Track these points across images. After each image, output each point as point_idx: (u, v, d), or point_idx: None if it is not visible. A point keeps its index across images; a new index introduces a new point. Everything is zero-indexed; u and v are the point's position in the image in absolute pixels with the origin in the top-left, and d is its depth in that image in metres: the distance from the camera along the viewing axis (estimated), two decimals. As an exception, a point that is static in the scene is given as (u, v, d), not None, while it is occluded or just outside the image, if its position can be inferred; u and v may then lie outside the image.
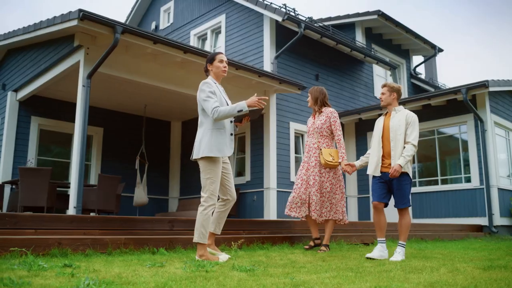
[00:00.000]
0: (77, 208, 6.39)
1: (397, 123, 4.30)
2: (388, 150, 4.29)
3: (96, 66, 6.77)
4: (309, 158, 5.00)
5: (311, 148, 5.01)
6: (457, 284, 2.69)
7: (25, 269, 2.68)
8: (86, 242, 3.54)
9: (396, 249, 4.23)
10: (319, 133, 4.98)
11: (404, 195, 4.25)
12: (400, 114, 4.36)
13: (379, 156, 4.33)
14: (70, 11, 6.50)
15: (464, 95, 8.97)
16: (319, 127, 4.98)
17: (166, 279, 2.61)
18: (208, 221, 3.71)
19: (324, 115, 5.02)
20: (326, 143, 4.95)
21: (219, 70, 4.05)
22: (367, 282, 2.73)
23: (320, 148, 4.92)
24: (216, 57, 4.06)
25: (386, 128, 4.37)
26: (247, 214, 9.59)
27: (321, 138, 4.97)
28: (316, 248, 4.96)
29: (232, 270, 3.15)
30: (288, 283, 2.66)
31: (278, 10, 9.61)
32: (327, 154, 4.83)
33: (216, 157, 3.78)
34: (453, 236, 7.99)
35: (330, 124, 4.98)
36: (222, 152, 3.79)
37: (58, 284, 2.29)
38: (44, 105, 9.54)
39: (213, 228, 3.97)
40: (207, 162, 3.78)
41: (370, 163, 4.42)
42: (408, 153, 4.20)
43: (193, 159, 3.89)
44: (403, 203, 4.26)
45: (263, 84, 8.86)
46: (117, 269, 2.92)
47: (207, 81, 3.97)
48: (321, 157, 4.84)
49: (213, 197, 3.77)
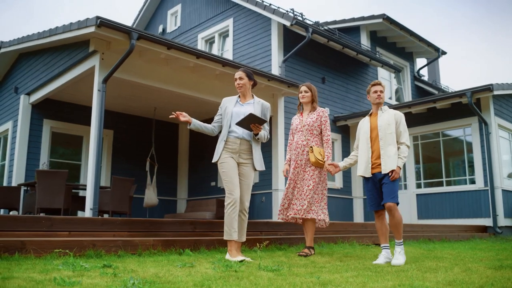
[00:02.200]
0: (93, 209, 6.57)
1: (386, 122, 4.27)
2: (378, 150, 4.25)
3: (111, 71, 6.94)
4: (297, 156, 4.86)
5: (300, 145, 4.87)
6: (474, 283, 2.86)
7: (69, 269, 2.85)
8: (118, 243, 3.71)
9: (396, 249, 4.15)
10: (309, 130, 4.86)
11: (391, 190, 4.13)
12: (387, 113, 4.34)
13: (368, 156, 4.29)
14: (87, 18, 6.67)
15: (469, 98, 9.15)
16: (310, 124, 4.87)
17: (201, 278, 2.78)
18: (229, 219, 4.01)
19: (316, 113, 4.92)
20: (315, 142, 4.85)
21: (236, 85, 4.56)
22: (389, 281, 2.91)
23: (310, 146, 4.80)
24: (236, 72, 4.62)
25: (374, 127, 4.33)
26: (255, 215, 9.77)
27: (311, 136, 4.85)
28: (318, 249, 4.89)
29: (258, 270, 3.32)
30: (315, 282, 2.83)
31: (286, 15, 9.79)
32: (318, 153, 4.74)
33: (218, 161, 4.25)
34: (459, 236, 8.17)
35: (320, 122, 4.88)
36: (217, 156, 4.28)
37: (105, 284, 2.46)
38: (56, 108, 9.71)
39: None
40: (219, 165, 4.25)
41: (360, 164, 4.37)
42: (404, 154, 4.21)
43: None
44: (392, 197, 4.11)
45: (272, 87, 9.04)
46: (152, 269, 3.10)
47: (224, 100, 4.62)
48: (311, 155, 4.74)
49: (230, 195, 4.08)
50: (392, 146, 4.23)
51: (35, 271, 2.71)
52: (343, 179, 11.14)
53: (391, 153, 4.21)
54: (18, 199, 7.82)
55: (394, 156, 4.20)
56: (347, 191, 11.23)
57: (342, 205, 10.95)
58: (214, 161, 4.27)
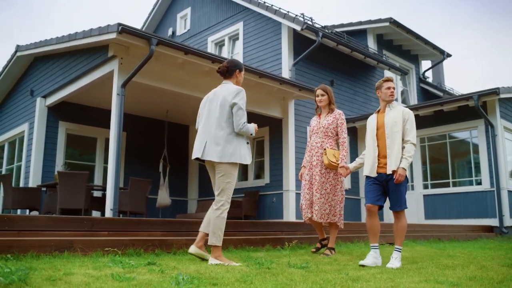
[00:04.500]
0: (113, 210, 6.79)
1: (393, 119, 4.10)
2: (384, 148, 4.07)
3: (130, 76, 7.16)
4: (311, 158, 4.88)
5: (314, 147, 4.89)
6: (493, 279, 3.08)
7: (118, 266, 3.07)
8: (154, 243, 3.95)
9: (393, 255, 4.01)
10: (324, 132, 4.86)
11: (401, 197, 4.02)
12: (395, 110, 4.16)
13: (374, 155, 4.11)
14: (108, 25, 6.89)
15: (476, 101, 9.37)
16: (325, 126, 4.87)
17: (240, 275, 3.00)
18: (224, 224, 3.78)
19: (332, 115, 4.92)
20: (330, 144, 4.83)
21: (241, 81, 4.16)
22: (414, 277, 3.13)
23: (324, 148, 4.80)
24: (243, 68, 4.18)
25: (381, 125, 4.15)
26: (266, 215, 9.99)
27: (326, 138, 4.85)
28: (323, 250, 4.90)
29: (288, 267, 3.54)
30: (346, 278, 3.05)
31: (297, 19, 10.01)
32: (331, 155, 4.73)
33: (238, 164, 3.86)
34: (467, 236, 8.40)
35: (337, 125, 4.88)
36: (247, 160, 3.88)
37: (157, 279, 2.68)
38: (70, 110, 9.93)
39: (203, 227, 3.88)
40: (232, 167, 3.83)
41: (366, 164, 4.20)
42: (410, 153, 4.00)
43: (219, 162, 3.83)
44: (399, 206, 4.02)
45: (283, 91, 9.25)
46: (192, 266, 3.32)
47: (244, 92, 4.00)
48: (324, 157, 4.74)
49: (229, 201, 3.85)
50: (400, 145, 4.04)
51: (89, 268, 2.93)
52: (352, 180, 11.37)
53: (398, 152, 4.02)
54: (38, 200, 8.05)
55: (399, 155, 4.02)
56: (355, 191, 11.45)
57: (350, 205, 11.17)
58: (248, 163, 3.93)
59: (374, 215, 4.08)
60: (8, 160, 11.37)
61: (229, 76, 4.09)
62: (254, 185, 10.52)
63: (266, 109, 9.47)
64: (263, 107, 9.41)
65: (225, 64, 4.11)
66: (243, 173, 11.08)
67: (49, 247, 3.44)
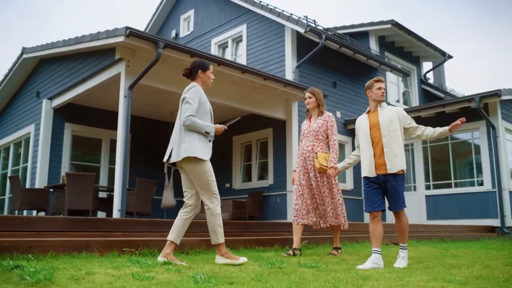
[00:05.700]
0: (121, 211, 6.89)
1: (387, 118, 4.05)
2: (380, 148, 4.02)
3: (138, 78, 7.26)
4: (304, 162, 4.83)
5: (305, 151, 4.83)
6: (499, 278, 3.18)
7: (136, 266, 3.17)
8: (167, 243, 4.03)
9: (399, 254, 4.03)
10: (314, 136, 4.80)
11: (400, 197, 4.01)
12: (387, 110, 4.13)
13: (371, 155, 4.05)
14: (116, 28, 6.99)
15: (478, 103, 9.48)
16: (315, 130, 4.81)
17: (255, 274, 3.10)
18: (221, 219, 3.67)
19: (322, 118, 4.85)
20: (321, 147, 4.78)
21: (209, 81, 4.02)
22: (422, 276, 3.22)
23: (315, 152, 4.75)
24: (210, 67, 4.00)
25: (375, 125, 4.09)
26: (270, 216, 10.09)
27: (316, 142, 4.79)
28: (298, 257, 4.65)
29: (299, 266, 3.64)
30: (356, 277, 3.15)
31: (300, 22, 10.11)
32: (323, 159, 4.66)
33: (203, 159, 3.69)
34: (469, 236, 8.50)
35: (327, 128, 4.81)
36: (200, 154, 3.70)
37: (176, 278, 2.78)
38: (76, 111, 10.02)
39: (173, 237, 3.69)
40: (195, 164, 3.69)
41: (363, 165, 4.13)
42: (435, 129, 4.08)
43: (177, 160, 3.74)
44: (398, 206, 4.02)
45: (287, 93, 9.36)
46: (206, 266, 3.42)
47: (198, 88, 3.87)
48: (316, 161, 4.68)
49: (217, 196, 3.72)
50: (397, 144, 4.00)
51: (109, 268, 3.03)
52: (354, 181, 11.47)
53: (397, 152, 3.98)
54: (46, 201, 8.14)
55: (401, 154, 4.00)
56: (358, 192, 11.54)
57: (352, 206, 11.26)
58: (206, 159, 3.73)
59: (378, 220, 4.06)
60: (14, 161, 11.46)
61: (193, 78, 3.96)
62: (258, 186, 10.62)
63: (270, 111, 9.57)
64: (267, 108, 9.51)
65: (188, 66, 4.01)
66: (247, 174, 11.18)
67: (68, 247, 3.54)
